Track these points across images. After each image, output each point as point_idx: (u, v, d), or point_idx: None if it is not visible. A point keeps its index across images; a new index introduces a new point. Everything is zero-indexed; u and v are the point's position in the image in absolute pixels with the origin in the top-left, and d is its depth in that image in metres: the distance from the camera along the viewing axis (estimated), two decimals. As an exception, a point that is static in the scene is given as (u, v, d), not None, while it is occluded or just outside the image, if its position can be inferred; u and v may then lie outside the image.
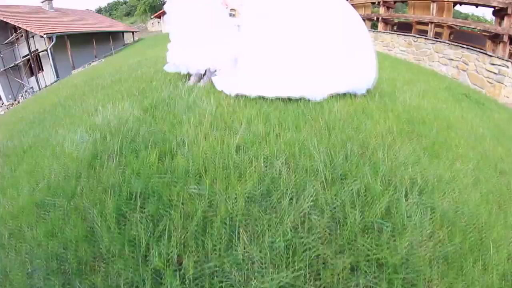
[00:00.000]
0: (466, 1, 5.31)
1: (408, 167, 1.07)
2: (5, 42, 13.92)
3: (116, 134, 1.40)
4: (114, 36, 18.65)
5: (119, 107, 1.85)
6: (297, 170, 0.98)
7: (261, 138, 1.17)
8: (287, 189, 0.89)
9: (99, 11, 32.12)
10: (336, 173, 0.97)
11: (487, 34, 5.08)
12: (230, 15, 2.05)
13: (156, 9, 26.13)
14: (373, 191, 0.92)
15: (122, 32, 19.93)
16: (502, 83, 4.56)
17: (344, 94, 1.78)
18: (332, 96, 1.72)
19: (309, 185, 0.90)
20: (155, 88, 2.18)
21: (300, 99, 1.65)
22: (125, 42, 20.92)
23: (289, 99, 1.66)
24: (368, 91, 1.92)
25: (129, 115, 1.60)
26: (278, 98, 1.65)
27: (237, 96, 1.73)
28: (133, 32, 20.27)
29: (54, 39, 12.52)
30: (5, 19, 12.51)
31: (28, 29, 12.18)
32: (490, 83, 4.78)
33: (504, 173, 1.39)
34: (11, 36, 13.88)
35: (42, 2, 15.92)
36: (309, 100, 1.67)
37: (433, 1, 6.00)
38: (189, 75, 2.39)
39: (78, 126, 1.78)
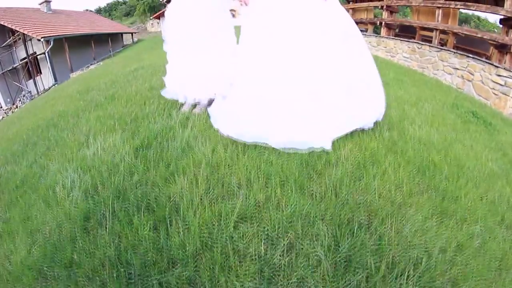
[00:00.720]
0: (473, 9, 5.21)
1: (415, 241, 1.01)
2: (3, 45, 13.96)
3: (108, 184, 1.37)
4: (113, 38, 18.67)
5: (110, 140, 1.80)
6: (298, 258, 0.91)
7: (261, 207, 1.11)
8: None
9: (99, 11, 32.23)
10: (340, 258, 0.91)
11: (494, 43, 4.99)
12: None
13: (156, 10, 26.13)
14: (374, 278, 0.88)
15: (121, 34, 19.95)
16: (508, 95, 4.47)
17: (351, 132, 1.71)
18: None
19: (310, 280, 0.84)
20: (147, 116, 2.12)
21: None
22: (124, 43, 20.96)
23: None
24: (376, 122, 1.85)
25: (121, 158, 1.55)
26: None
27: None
28: (132, 34, 20.31)
29: (52, 43, 12.53)
30: (2, 22, 12.52)
31: (25, 32, 12.19)
32: (496, 94, 4.69)
33: (510, 227, 1.33)
34: (9, 39, 13.91)
35: (40, 4, 15.95)
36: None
37: (439, 7, 5.91)
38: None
39: (69, 161, 1.75)
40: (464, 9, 5.44)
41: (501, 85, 4.59)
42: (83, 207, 1.29)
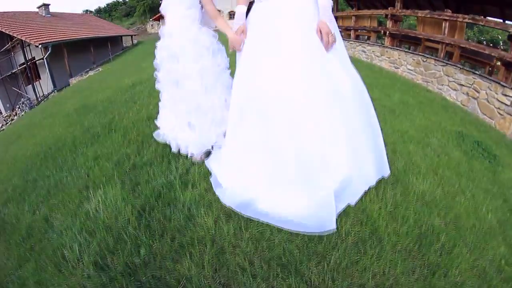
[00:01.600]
0: (481, 24, 5.16)
1: None
2: (1, 50, 14.06)
3: (117, 257, 1.38)
4: (113, 40, 18.73)
5: (111, 195, 1.79)
6: None
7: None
8: None
9: (99, 11, 32.36)
10: None
11: (501, 60, 4.94)
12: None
13: (156, 11, 26.23)
14: None
15: (121, 36, 20.00)
16: (514, 116, 4.44)
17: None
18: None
19: None
20: (146, 164, 2.11)
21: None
22: (124, 45, 21.02)
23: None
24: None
25: (125, 224, 1.56)
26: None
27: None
28: (131, 36, 20.35)
29: (50, 49, 12.59)
30: None
31: (23, 38, 12.25)
32: (501, 114, 4.63)
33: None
34: (7, 44, 14.00)
35: (39, 8, 16.03)
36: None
37: (445, 20, 5.84)
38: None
39: (72, 216, 1.79)
40: (472, 23, 5.37)
41: (506, 105, 4.54)
42: (96, 281, 1.31)
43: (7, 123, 11.99)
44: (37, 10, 16.34)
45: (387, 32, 7.52)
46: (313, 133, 1.49)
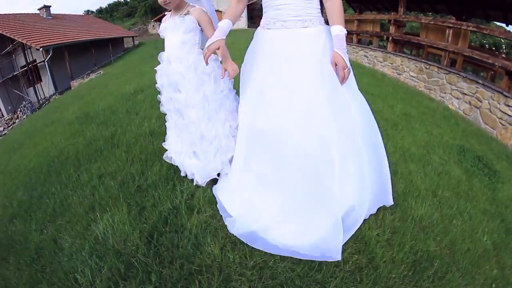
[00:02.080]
0: (486, 32, 5.18)
1: None
2: (3, 52, 14.20)
3: (127, 285, 1.43)
4: (114, 42, 18.83)
5: (118, 219, 1.85)
6: None
7: None
8: None
9: (100, 11, 32.55)
10: None
11: (504, 69, 4.96)
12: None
13: (157, 11, 26.36)
14: None
15: (122, 38, 20.11)
16: (517, 127, 4.47)
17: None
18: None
19: None
20: (151, 186, 2.16)
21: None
22: (125, 47, 21.14)
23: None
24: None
25: (135, 249, 1.63)
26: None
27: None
28: (133, 37, 20.45)
29: (51, 52, 12.71)
30: (0, 31, 12.74)
31: (24, 41, 12.37)
32: (503, 125, 4.65)
33: None
34: (9, 46, 14.14)
35: (39, 10, 16.16)
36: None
37: (449, 27, 5.84)
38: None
39: (81, 238, 1.83)
40: (476, 31, 5.40)
41: (509, 115, 4.56)
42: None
43: (9, 126, 12.13)
44: (38, 11, 16.45)
45: (390, 38, 7.55)
46: (325, 167, 1.51)
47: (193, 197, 2.01)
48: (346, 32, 1.47)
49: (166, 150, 2.23)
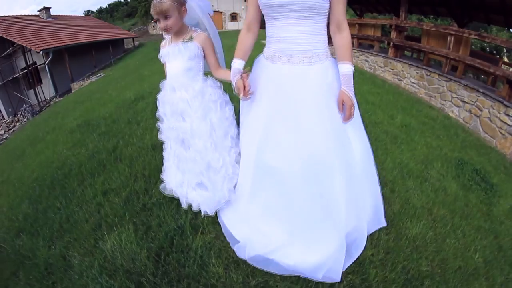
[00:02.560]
0: (488, 41, 5.23)
1: None
2: (3, 54, 14.34)
3: None
4: (114, 43, 18.95)
5: (125, 238, 1.95)
6: None
7: None
8: None
9: (100, 11, 32.70)
10: None
11: (505, 79, 5.01)
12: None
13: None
14: None
15: (122, 39, 20.22)
16: (516, 137, 4.54)
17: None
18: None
19: None
20: (155, 205, 2.24)
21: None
22: (126, 47, 21.27)
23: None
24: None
25: (143, 269, 1.71)
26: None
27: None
28: (133, 38, 20.55)
29: (51, 55, 12.83)
30: (0, 34, 12.86)
31: (24, 44, 12.50)
32: (502, 134, 4.72)
33: None
34: (9, 48, 14.28)
35: (39, 11, 16.29)
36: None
37: (451, 34, 5.86)
38: None
39: (89, 256, 1.92)
40: (478, 39, 5.46)
41: (508, 125, 4.63)
42: None
43: (10, 129, 12.26)
44: (38, 13, 16.58)
45: (391, 43, 7.61)
46: (330, 197, 1.57)
47: (197, 217, 2.08)
48: (354, 68, 1.45)
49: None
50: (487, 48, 15.12)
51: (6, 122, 13.25)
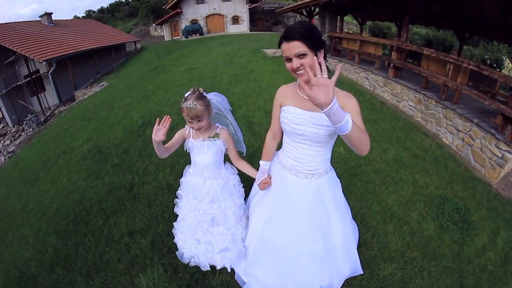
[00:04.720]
0: (486, 73, 5.46)
1: None
2: (5, 62, 14.88)
3: None
4: (116, 47, 19.43)
5: (157, 277, 2.42)
6: None
7: None
8: None
9: (101, 11, 33.17)
10: None
11: (501, 114, 5.33)
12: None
13: (158, 13, 26.96)
14: None
15: (124, 43, 20.67)
16: (502, 168, 4.97)
17: None
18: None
19: None
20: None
21: None
22: (127, 50, 21.76)
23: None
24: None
25: None
26: None
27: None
28: (135, 42, 20.99)
29: (54, 65, 13.32)
30: (2, 44, 13.30)
31: (27, 55, 12.96)
32: (491, 164, 5.14)
33: None
34: (12, 56, 14.80)
35: (41, 17, 16.78)
36: None
37: (450, 62, 6.21)
38: None
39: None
40: (476, 70, 5.74)
41: (498, 156, 5.08)
42: None
43: (15, 138, 12.83)
44: (39, 19, 17.06)
45: (392, 64, 8.04)
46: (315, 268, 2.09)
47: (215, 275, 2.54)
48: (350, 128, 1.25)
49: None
50: (488, 61, 15.46)
51: (11, 131, 13.82)
